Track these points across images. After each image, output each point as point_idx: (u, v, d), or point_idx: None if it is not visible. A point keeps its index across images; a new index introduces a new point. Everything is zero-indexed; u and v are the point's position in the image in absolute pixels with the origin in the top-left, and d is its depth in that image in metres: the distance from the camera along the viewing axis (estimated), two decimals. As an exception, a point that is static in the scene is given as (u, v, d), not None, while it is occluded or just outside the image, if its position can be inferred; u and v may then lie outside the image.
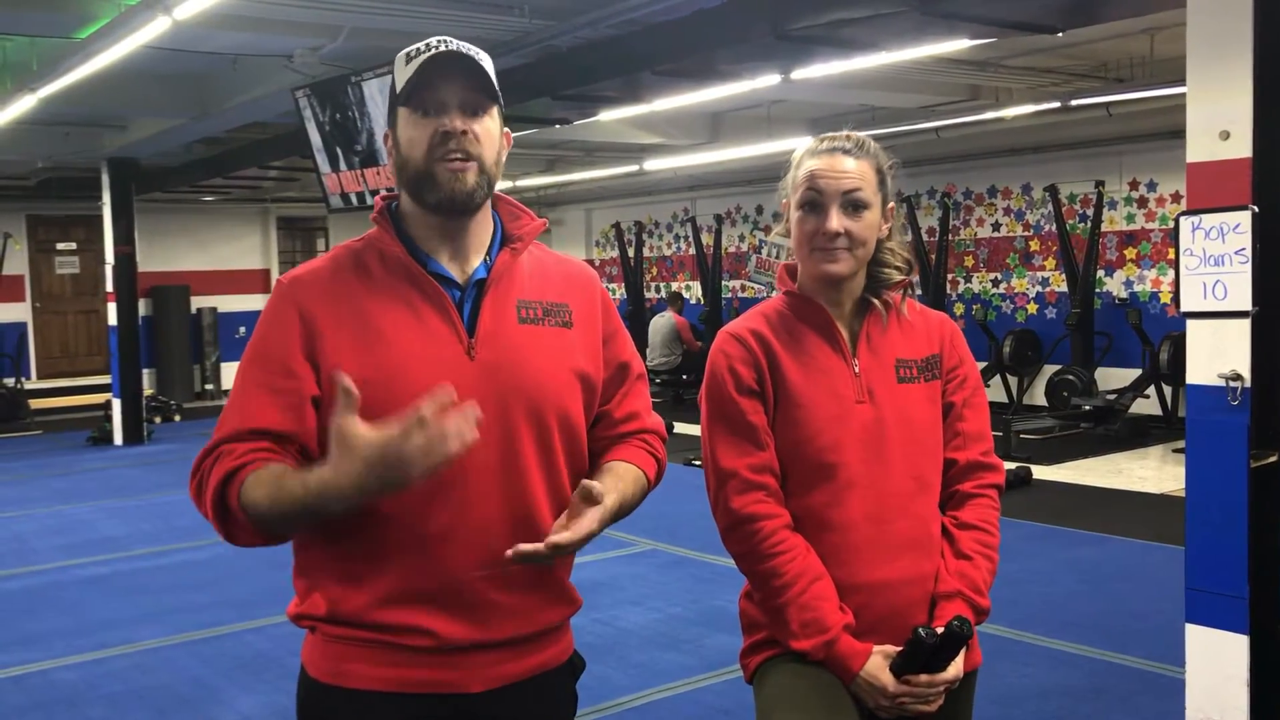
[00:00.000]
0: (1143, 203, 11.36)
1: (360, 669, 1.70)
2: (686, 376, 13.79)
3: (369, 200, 7.46)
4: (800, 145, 2.07)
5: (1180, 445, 8.64)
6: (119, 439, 11.89)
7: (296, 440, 1.68)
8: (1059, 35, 6.04)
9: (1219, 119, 3.38)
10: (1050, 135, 10.97)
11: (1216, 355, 3.43)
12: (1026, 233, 12.37)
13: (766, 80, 7.46)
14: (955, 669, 1.92)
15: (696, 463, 8.35)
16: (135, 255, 12.07)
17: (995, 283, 12.70)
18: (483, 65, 1.71)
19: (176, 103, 8.88)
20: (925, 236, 12.81)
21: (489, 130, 1.73)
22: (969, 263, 12.92)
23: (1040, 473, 8.61)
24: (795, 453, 1.97)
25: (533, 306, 1.79)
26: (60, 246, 15.59)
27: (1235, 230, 3.34)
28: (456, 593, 1.69)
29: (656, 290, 16.88)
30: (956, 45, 6.49)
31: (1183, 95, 3.55)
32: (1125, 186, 11.43)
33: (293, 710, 1.80)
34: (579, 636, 1.91)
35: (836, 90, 9.10)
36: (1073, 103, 9.16)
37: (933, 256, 12.64)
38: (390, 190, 1.84)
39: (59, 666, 4.96)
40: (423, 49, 1.71)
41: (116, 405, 11.96)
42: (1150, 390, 10.64)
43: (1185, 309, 3.50)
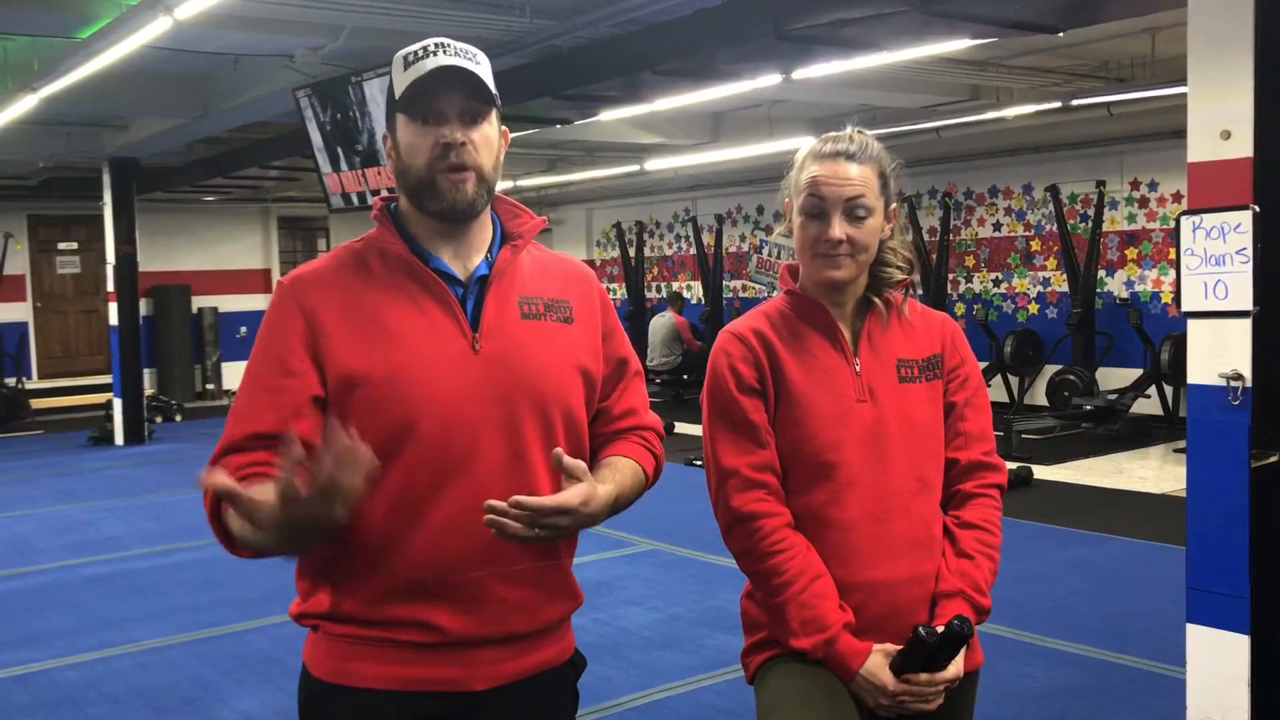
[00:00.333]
0: (1144, 202, 11.35)
1: (364, 668, 1.70)
2: (687, 376, 13.80)
3: (370, 200, 7.46)
4: (803, 144, 2.07)
5: (1181, 445, 8.63)
6: (120, 439, 11.90)
7: (298, 439, 1.68)
8: (1060, 35, 6.04)
9: (1220, 118, 3.38)
10: (1051, 135, 10.97)
11: (1217, 355, 3.43)
12: (1028, 233, 12.37)
13: (767, 80, 7.46)
14: (955, 668, 1.92)
15: (697, 462, 8.35)
16: (136, 255, 12.07)
17: (996, 283, 12.70)
18: (480, 76, 1.72)
19: (177, 102, 8.89)
20: (926, 236, 12.81)
21: (487, 137, 1.74)
22: (970, 263, 12.92)
23: (1041, 473, 8.61)
24: (796, 452, 1.97)
25: (535, 302, 1.80)
26: (61, 246, 15.59)
27: (1236, 230, 3.34)
28: (460, 587, 1.69)
29: (657, 290, 16.88)
30: (957, 45, 6.49)
31: (1184, 95, 3.55)
32: (1126, 186, 11.43)
33: (294, 710, 1.81)
34: (580, 636, 1.92)
35: (837, 90, 9.10)
36: (1074, 102, 9.16)
37: (934, 256, 12.65)
38: (390, 190, 1.85)
39: (61, 666, 4.97)
40: (420, 54, 1.71)
41: (117, 405, 11.97)
42: (1151, 390, 10.64)
43: (1186, 309, 3.49)
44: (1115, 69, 9.06)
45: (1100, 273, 11.51)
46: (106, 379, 13.20)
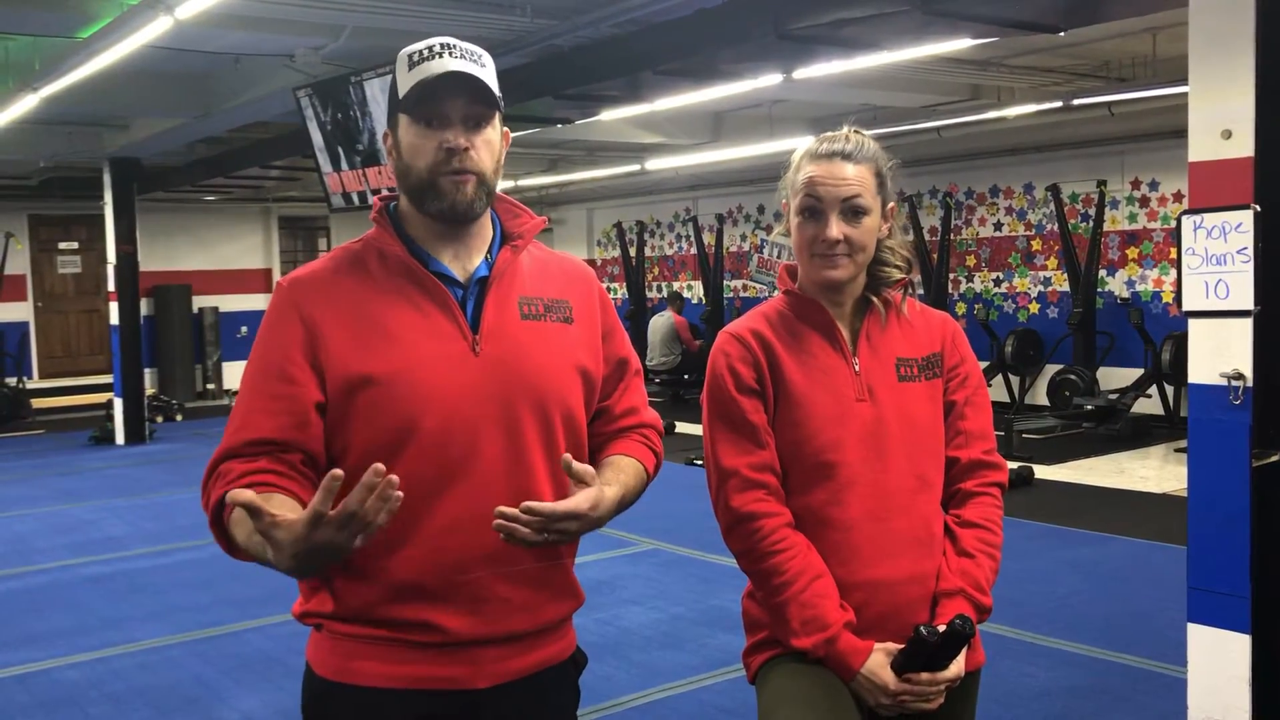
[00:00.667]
0: (1145, 202, 11.35)
1: (368, 666, 1.71)
2: (686, 376, 13.80)
3: (370, 200, 7.45)
4: (800, 145, 2.07)
5: (1182, 445, 8.63)
6: (121, 438, 11.89)
7: (297, 447, 1.68)
8: (1061, 35, 6.04)
9: (1221, 118, 3.38)
10: (1052, 135, 10.96)
11: (1218, 354, 3.43)
12: (1028, 232, 12.37)
13: (768, 80, 7.46)
14: (956, 668, 1.92)
15: (698, 462, 8.35)
16: (137, 255, 12.07)
17: (997, 282, 12.70)
18: (485, 80, 1.71)
19: (178, 102, 8.89)
20: (927, 236, 12.81)
21: (490, 141, 1.74)
22: (971, 262, 12.92)
23: (1042, 472, 8.60)
24: (796, 451, 1.97)
25: (534, 303, 1.80)
26: (62, 246, 15.60)
27: (1237, 229, 3.34)
28: (463, 587, 1.69)
29: (658, 290, 16.88)
30: (958, 45, 6.48)
31: (1185, 95, 3.54)
32: (1127, 186, 11.43)
33: (295, 709, 1.81)
34: (581, 636, 1.92)
35: (838, 90, 9.10)
36: (1075, 102, 9.16)
37: (934, 256, 12.64)
38: (391, 190, 1.85)
39: (62, 665, 4.97)
40: (426, 54, 1.71)
41: (118, 405, 11.97)
42: (1152, 390, 10.64)
43: (1187, 308, 3.49)
44: (1116, 68, 9.06)
45: (1101, 272, 11.51)
46: (107, 379, 13.20)
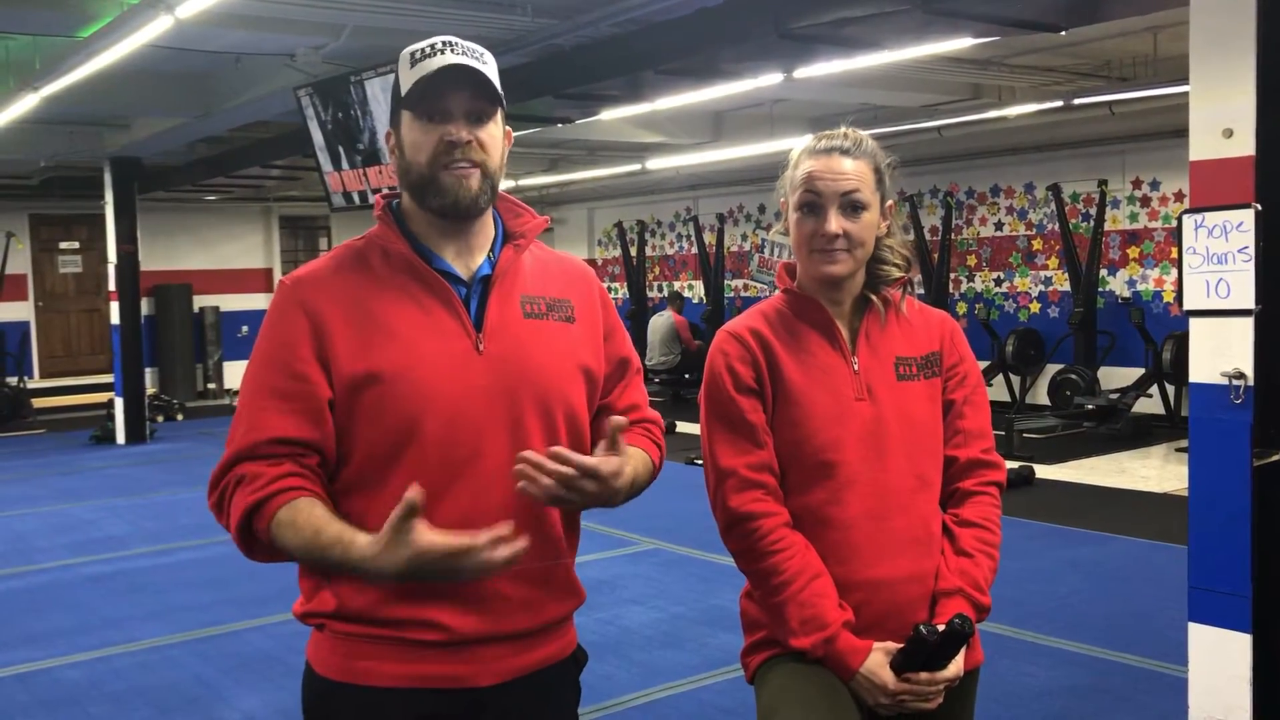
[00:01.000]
0: (1145, 202, 11.34)
1: (371, 666, 1.70)
2: (686, 375, 13.80)
3: (371, 199, 7.46)
4: (798, 144, 2.07)
5: (1183, 444, 8.62)
6: (121, 438, 11.90)
7: (315, 447, 1.68)
8: (1062, 34, 6.05)
9: (1222, 117, 3.37)
10: (1053, 134, 10.97)
11: (1219, 354, 3.42)
12: (1029, 232, 12.36)
13: (769, 79, 7.46)
14: (956, 667, 1.92)
15: (698, 462, 8.35)
16: (138, 254, 12.08)
17: (998, 282, 12.69)
18: (487, 75, 1.72)
19: (179, 102, 8.90)
20: (928, 236, 12.81)
21: (492, 136, 1.74)
22: (972, 262, 12.91)
23: (1043, 472, 8.60)
24: (795, 451, 1.97)
25: (537, 302, 1.80)
26: (63, 245, 15.60)
27: (1238, 228, 3.33)
28: (465, 585, 1.69)
29: (659, 290, 16.88)
30: (959, 44, 6.48)
31: (1186, 94, 3.54)
32: (1128, 185, 11.43)
33: (296, 709, 1.80)
34: (581, 635, 1.92)
35: (839, 89, 9.10)
36: (1075, 101, 9.15)
37: (935, 256, 12.64)
38: (392, 189, 1.85)
39: (62, 665, 4.97)
40: (428, 51, 1.71)
41: (119, 404, 11.97)
42: (1153, 389, 10.63)
43: (1188, 307, 3.49)
44: (1117, 68, 9.05)
45: (1102, 272, 11.51)
46: (108, 378, 13.21)
